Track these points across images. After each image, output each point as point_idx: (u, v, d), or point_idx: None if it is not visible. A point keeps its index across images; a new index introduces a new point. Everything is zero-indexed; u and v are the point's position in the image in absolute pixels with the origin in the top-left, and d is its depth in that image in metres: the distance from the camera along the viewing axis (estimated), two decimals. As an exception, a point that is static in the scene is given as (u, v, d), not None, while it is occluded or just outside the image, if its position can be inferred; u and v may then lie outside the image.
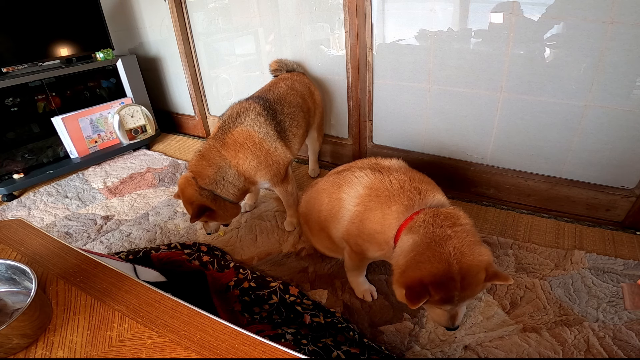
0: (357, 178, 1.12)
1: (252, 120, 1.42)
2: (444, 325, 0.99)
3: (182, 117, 2.93)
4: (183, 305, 0.65)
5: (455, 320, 0.97)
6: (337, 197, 1.15)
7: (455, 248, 0.88)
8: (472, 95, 1.61)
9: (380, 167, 1.13)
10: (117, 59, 2.52)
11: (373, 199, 1.06)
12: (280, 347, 0.55)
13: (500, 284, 1.14)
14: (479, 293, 0.98)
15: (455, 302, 0.90)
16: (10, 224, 0.92)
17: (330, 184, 1.22)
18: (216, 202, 1.37)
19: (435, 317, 1.00)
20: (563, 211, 1.62)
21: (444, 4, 1.53)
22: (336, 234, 1.21)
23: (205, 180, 1.35)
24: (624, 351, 1.02)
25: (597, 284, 1.24)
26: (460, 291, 0.87)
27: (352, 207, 1.10)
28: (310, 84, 1.86)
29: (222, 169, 1.37)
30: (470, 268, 0.87)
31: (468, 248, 0.88)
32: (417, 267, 0.89)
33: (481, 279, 0.88)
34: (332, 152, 2.21)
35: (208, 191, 1.35)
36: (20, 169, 2.20)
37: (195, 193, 1.33)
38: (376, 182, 1.07)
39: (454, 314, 0.96)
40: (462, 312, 0.98)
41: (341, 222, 1.15)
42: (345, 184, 1.14)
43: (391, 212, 1.01)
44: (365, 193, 1.08)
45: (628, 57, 1.26)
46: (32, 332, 0.61)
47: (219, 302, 1.24)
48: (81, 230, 1.79)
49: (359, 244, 1.12)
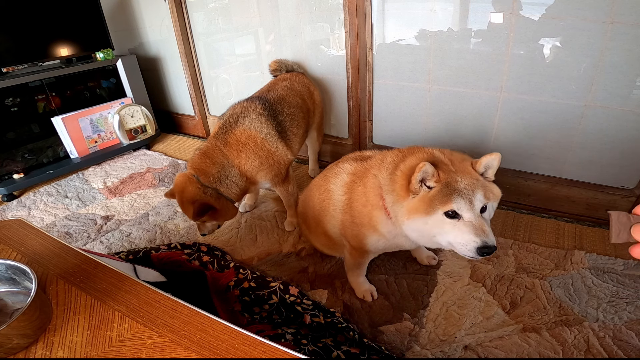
0: (341, 169, 1.17)
1: (253, 120, 1.42)
2: (472, 244, 0.83)
3: (182, 117, 2.93)
4: (183, 305, 0.65)
5: (485, 229, 0.83)
6: (326, 189, 1.20)
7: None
8: (472, 95, 1.61)
9: (362, 157, 1.18)
10: (117, 59, 2.52)
11: (356, 181, 1.10)
12: (280, 347, 0.55)
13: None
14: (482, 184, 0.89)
15: (467, 193, 0.85)
16: (10, 224, 0.92)
17: (319, 178, 1.29)
18: (220, 201, 1.35)
19: (459, 239, 0.85)
20: (563, 211, 1.62)
21: (444, 4, 1.53)
22: (332, 230, 1.23)
23: (210, 178, 1.34)
24: (624, 351, 1.02)
25: (597, 284, 1.24)
26: (460, 175, 0.87)
27: (340, 196, 1.14)
28: (309, 84, 1.86)
29: (225, 168, 1.37)
30: (454, 154, 0.96)
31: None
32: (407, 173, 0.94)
33: (468, 164, 0.92)
34: (332, 152, 2.21)
35: (212, 189, 1.34)
36: (20, 169, 2.20)
37: (199, 191, 1.31)
38: (358, 168, 1.13)
39: (478, 223, 0.84)
40: (488, 219, 0.88)
41: (334, 215, 1.18)
42: (332, 176, 1.20)
43: (369, 180, 1.04)
44: (349, 180, 1.13)
45: (628, 57, 1.26)
46: (32, 332, 0.61)
47: (219, 302, 1.24)
48: (81, 230, 1.79)
49: (355, 233, 1.12)
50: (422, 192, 0.89)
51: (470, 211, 0.85)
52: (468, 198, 0.85)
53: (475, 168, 0.91)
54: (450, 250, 1.43)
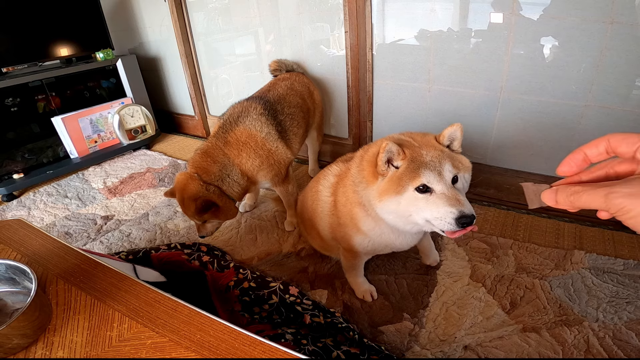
0: (330, 170, 1.18)
1: (253, 120, 1.42)
2: (450, 215, 0.81)
3: (182, 117, 2.93)
4: (183, 305, 0.65)
5: (460, 199, 0.82)
6: (316, 190, 1.20)
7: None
8: (472, 95, 1.61)
9: (350, 158, 1.16)
10: (117, 59, 2.52)
11: (339, 182, 1.10)
12: (280, 347, 0.55)
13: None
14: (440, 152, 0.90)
15: (434, 165, 0.85)
16: (10, 224, 0.92)
17: (313, 180, 1.30)
18: (222, 198, 1.34)
19: (435, 213, 0.83)
20: (563, 211, 1.62)
21: (444, 4, 1.53)
22: (323, 232, 1.23)
23: (211, 176, 1.33)
24: (623, 351, 1.02)
25: (597, 284, 1.24)
26: (425, 149, 0.87)
27: (327, 197, 1.14)
28: (309, 84, 1.86)
29: (226, 166, 1.37)
30: (414, 133, 0.96)
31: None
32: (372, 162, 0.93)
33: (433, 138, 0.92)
34: (332, 152, 2.21)
35: (215, 187, 1.33)
36: (20, 169, 2.20)
37: (201, 188, 1.30)
38: (342, 168, 1.13)
39: (451, 194, 0.83)
40: (463, 191, 0.87)
41: (322, 217, 1.18)
42: (321, 177, 1.20)
43: (348, 178, 1.05)
44: (335, 181, 1.13)
45: (628, 57, 1.26)
46: (32, 332, 0.61)
47: (219, 302, 1.24)
48: (81, 230, 1.79)
49: (342, 235, 1.12)
50: (389, 172, 0.89)
51: (441, 182, 0.84)
52: (437, 170, 0.84)
53: (440, 141, 0.91)
54: (451, 250, 1.44)
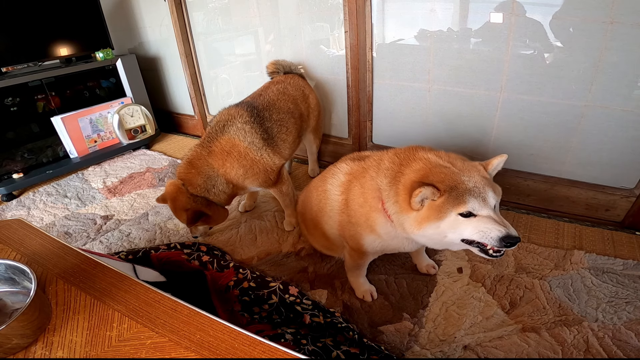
0: (338, 169, 1.17)
1: (237, 130, 1.42)
2: (496, 233, 0.81)
3: (182, 117, 2.93)
4: (183, 305, 0.65)
5: (506, 222, 0.83)
6: (323, 190, 1.20)
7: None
8: (472, 95, 1.61)
9: (360, 157, 1.18)
10: (117, 58, 2.52)
11: (352, 181, 1.10)
12: (280, 347, 0.55)
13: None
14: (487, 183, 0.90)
15: (479, 191, 0.84)
16: (10, 224, 0.92)
17: (317, 179, 1.30)
18: (211, 208, 1.40)
19: (480, 228, 0.83)
20: (562, 211, 1.62)
21: (444, 4, 1.53)
22: (330, 231, 1.23)
23: (197, 188, 1.37)
24: (623, 351, 1.02)
25: (596, 284, 1.24)
26: (466, 174, 0.86)
27: (337, 196, 1.14)
28: (304, 87, 1.81)
29: (211, 178, 1.39)
30: (452, 155, 0.95)
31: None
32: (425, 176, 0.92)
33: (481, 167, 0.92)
34: (332, 152, 2.21)
35: (201, 197, 1.37)
36: (19, 169, 2.20)
37: (189, 200, 1.35)
38: (355, 167, 1.12)
39: (497, 217, 0.83)
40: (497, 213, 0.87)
41: (331, 215, 1.18)
42: (329, 176, 1.20)
43: (367, 181, 1.04)
44: (346, 180, 1.13)
45: (628, 57, 1.26)
46: (32, 332, 0.61)
47: (219, 302, 1.24)
48: (81, 230, 1.79)
49: (352, 233, 1.12)
50: (427, 202, 0.89)
51: (485, 207, 0.84)
52: (481, 196, 0.84)
53: (488, 169, 0.92)
54: (451, 250, 1.44)
